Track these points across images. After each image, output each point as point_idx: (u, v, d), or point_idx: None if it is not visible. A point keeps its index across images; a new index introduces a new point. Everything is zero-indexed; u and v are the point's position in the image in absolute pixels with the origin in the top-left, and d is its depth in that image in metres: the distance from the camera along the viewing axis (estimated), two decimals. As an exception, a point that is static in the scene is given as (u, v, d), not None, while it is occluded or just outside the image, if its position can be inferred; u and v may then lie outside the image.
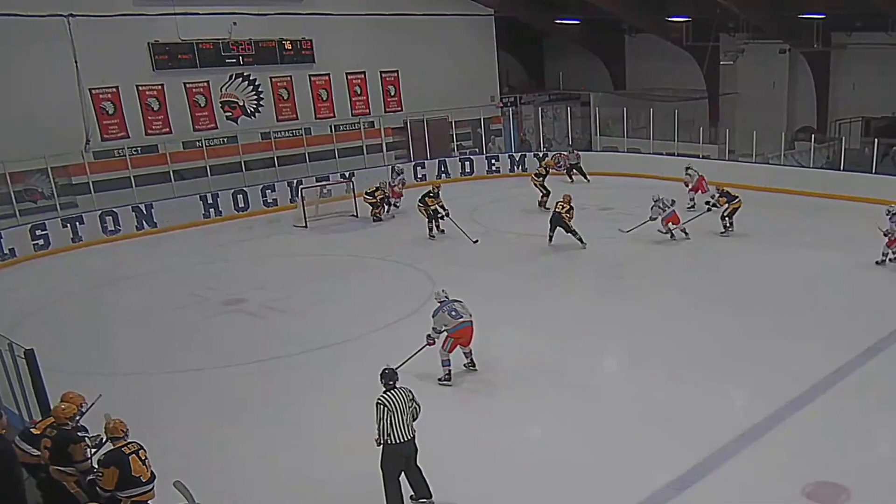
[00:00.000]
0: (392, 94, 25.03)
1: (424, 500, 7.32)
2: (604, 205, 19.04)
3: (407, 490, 7.20)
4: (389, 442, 6.87)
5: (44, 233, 17.25)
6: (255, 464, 8.27)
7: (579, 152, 23.49)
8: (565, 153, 23.51)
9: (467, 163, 24.36)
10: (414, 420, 7.03)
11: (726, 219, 16.79)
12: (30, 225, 17.30)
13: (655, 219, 16.32)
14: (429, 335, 10.19)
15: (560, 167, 22.89)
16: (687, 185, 19.11)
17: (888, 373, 9.97)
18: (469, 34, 26.14)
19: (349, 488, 7.65)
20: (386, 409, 6.84)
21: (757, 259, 15.18)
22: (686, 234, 16.47)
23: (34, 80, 18.16)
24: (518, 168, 24.48)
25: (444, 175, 23.78)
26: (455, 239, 17.16)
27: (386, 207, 19.56)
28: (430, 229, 17.56)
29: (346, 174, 21.48)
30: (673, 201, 16.40)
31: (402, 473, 7.09)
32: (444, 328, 10.08)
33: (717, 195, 16.95)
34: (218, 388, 10.35)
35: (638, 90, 29.10)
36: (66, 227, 17.69)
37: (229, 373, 10.81)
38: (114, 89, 19.88)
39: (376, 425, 6.88)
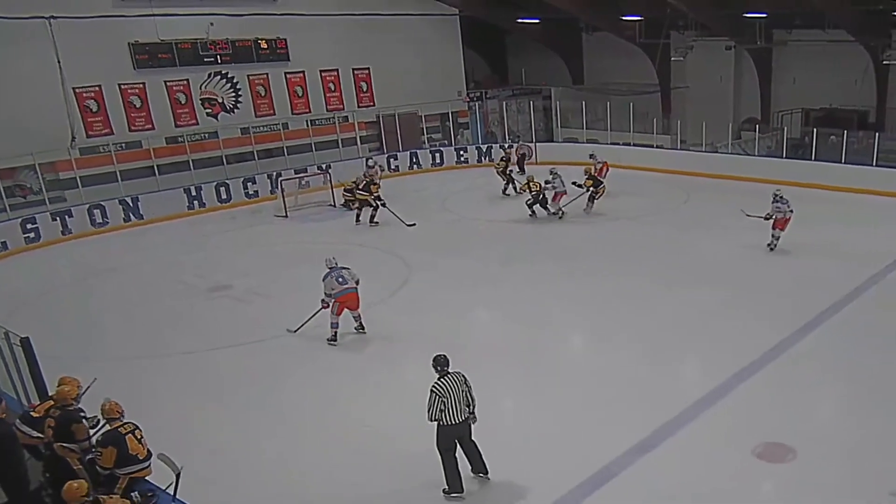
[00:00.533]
0: (364, 89, 24.98)
1: (482, 475, 7.36)
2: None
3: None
4: (443, 423, 6.87)
5: (34, 226, 17.03)
6: (242, 443, 8.36)
7: (526, 144, 23.77)
8: (529, 144, 23.71)
9: (437, 154, 24.44)
10: (468, 405, 7.01)
11: (592, 202, 17.55)
12: (20, 219, 17.05)
13: (555, 188, 17.02)
14: (323, 299, 10.93)
15: (526, 158, 23.18)
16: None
17: (826, 345, 10.34)
18: (435, 33, 26.16)
19: (329, 469, 7.82)
20: (438, 396, 6.78)
21: (706, 242, 15.51)
22: (562, 212, 17.35)
23: (19, 80, 17.83)
24: (485, 159, 24.55)
25: (416, 166, 23.88)
26: (428, 226, 17.29)
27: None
28: (373, 217, 17.78)
29: (323, 166, 21.43)
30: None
31: (459, 448, 7.12)
32: (331, 292, 10.75)
33: (585, 177, 17.52)
34: (207, 370, 10.39)
35: (595, 85, 29.36)
36: (56, 220, 17.45)
37: (218, 355, 10.82)
38: (97, 88, 19.59)
39: (427, 409, 6.85)
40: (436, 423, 6.89)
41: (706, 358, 10.19)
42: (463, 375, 7.03)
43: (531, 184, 17.32)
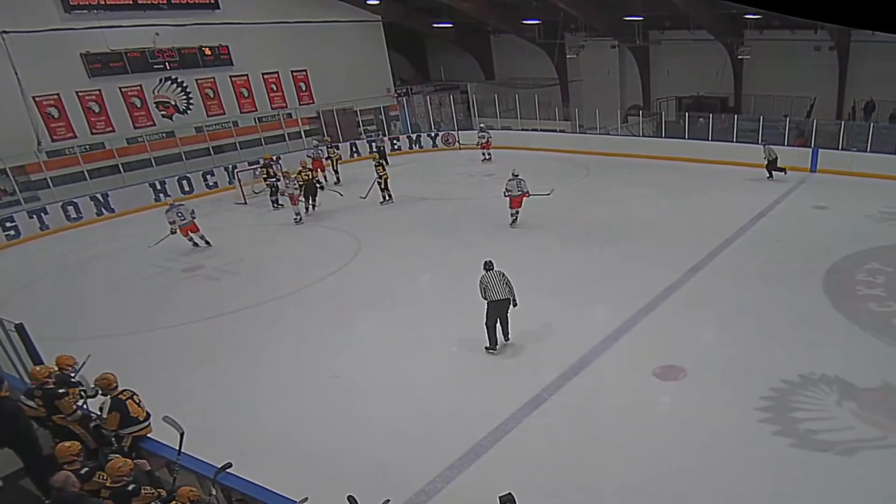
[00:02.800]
0: (304, 89, 24.62)
1: (505, 341, 9.35)
2: (487, 173, 19.70)
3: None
4: (488, 299, 8.98)
5: (13, 224, 16.23)
6: (230, 400, 8.43)
7: (385, 138, 23.67)
8: (453, 132, 23.99)
9: (373, 143, 24.24)
10: (509, 288, 9.03)
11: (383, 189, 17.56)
12: (-1, 218, 16.30)
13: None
14: (171, 228, 13.98)
15: (450, 143, 23.48)
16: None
17: (705, 286, 11.21)
18: (362, 37, 25.94)
19: (307, 415, 8.02)
20: (481, 282, 9.05)
21: (605, 207, 16.26)
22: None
23: (-20, 93, 16.91)
24: (415, 146, 24.73)
25: (355, 154, 23.84)
26: (372, 206, 17.32)
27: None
28: (276, 200, 17.76)
29: (274, 157, 21.12)
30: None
31: (498, 322, 9.16)
32: (173, 223, 14.02)
33: (375, 164, 17.72)
34: (189, 340, 10.36)
35: (504, 80, 29.85)
36: (33, 217, 16.66)
37: (198, 327, 10.79)
38: (56, 96, 18.68)
39: (479, 292, 8.98)
40: (486, 301, 9.00)
41: (613, 299, 10.85)
42: (502, 273, 9.15)
43: (379, 167, 17.45)
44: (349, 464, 7.01)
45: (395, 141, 24.53)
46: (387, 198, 17.51)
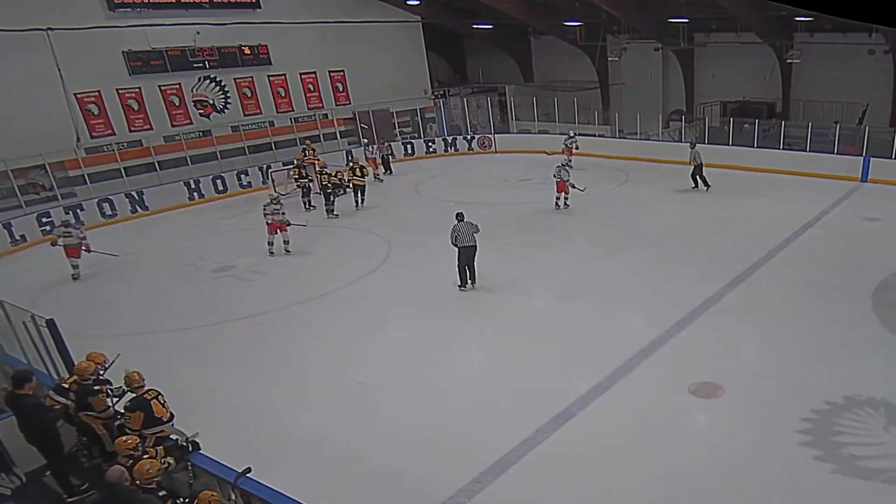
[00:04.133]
0: (340, 89, 24.78)
1: (470, 283, 11.61)
2: (522, 177, 19.54)
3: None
4: (458, 245, 11.27)
5: (48, 220, 16.52)
6: (257, 401, 8.44)
7: (390, 144, 23.18)
8: (489, 136, 23.86)
9: (409, 146, 24.36)
10: (476, 233, 11.32)
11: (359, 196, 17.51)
12: (35, 213, 16.63)
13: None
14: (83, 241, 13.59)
15: (486, 147, 23.37)
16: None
17: (746, 299, 10.88)
18: (401, 37, 26.00)
19: (332, 420, 7.99)
20: (453, 230, 11.32)
21: (642, 214, 15.96)
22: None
23: (25, 89, 17.38)
24: (451, 149, 24.65)
25: (390, 157, 23.96)
26: (404, 208, 17.33)
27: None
28: (308, 201, 17.77)
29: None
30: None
31: (466, 266, 11.33)
32: (82, 238, 13.57)
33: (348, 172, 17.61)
34: (219, 340, 10.41)
35: (543, 82, 29.56)
36: (69, 213, 16.84)
37: (228, 327, 10.85)
38: (96, 93, 19.13)
39: (450, 237, 11.28)
40: (455, 246, 11.26)
41: (649, 311, 10.65)
42: (471, 223, 11.41)
43: (354, 169, 17.43)
44: (369, 471, 6.98)
45: (430, 143, 24.52)
46: (359, 203, 17.48)
